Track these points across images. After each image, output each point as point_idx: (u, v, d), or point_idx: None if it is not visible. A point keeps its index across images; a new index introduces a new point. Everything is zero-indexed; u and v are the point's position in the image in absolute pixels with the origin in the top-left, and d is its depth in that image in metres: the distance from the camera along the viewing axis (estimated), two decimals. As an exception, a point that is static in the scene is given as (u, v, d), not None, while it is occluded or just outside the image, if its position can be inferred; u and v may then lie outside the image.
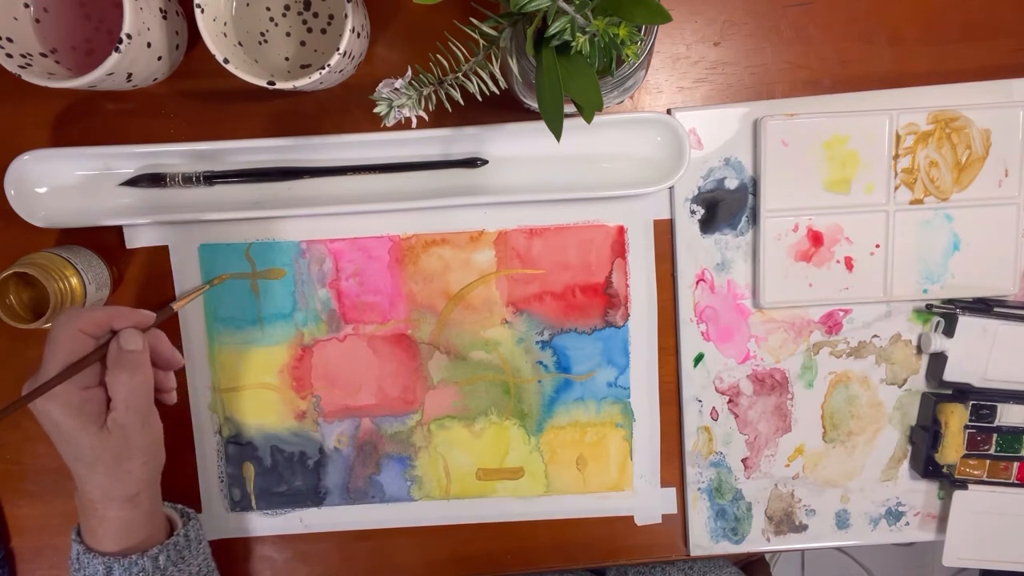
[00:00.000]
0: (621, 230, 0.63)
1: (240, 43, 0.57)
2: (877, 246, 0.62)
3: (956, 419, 0.62)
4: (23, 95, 0.60)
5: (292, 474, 0.65)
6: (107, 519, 0.52)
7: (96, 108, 0.61)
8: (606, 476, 0.66)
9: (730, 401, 0.65)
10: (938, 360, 0.63)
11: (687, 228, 0.62)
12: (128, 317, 0.51)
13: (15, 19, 0.54)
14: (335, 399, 0.65)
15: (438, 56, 0.48)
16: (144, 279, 0.63)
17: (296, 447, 0.65)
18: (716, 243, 0.63)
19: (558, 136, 0.44)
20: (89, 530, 0.53)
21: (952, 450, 0.63)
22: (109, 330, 0.51)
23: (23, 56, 0.53)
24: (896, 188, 0.61)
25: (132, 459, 0.51)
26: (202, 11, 0.51)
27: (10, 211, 0.59)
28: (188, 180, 0.60)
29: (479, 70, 0.48)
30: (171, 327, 0.63)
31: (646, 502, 0.66)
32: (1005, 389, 0.63)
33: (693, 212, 0.62)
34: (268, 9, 0.57)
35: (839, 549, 1.43)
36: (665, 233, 0.63)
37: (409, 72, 0.48)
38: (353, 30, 0.51)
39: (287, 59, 0.58)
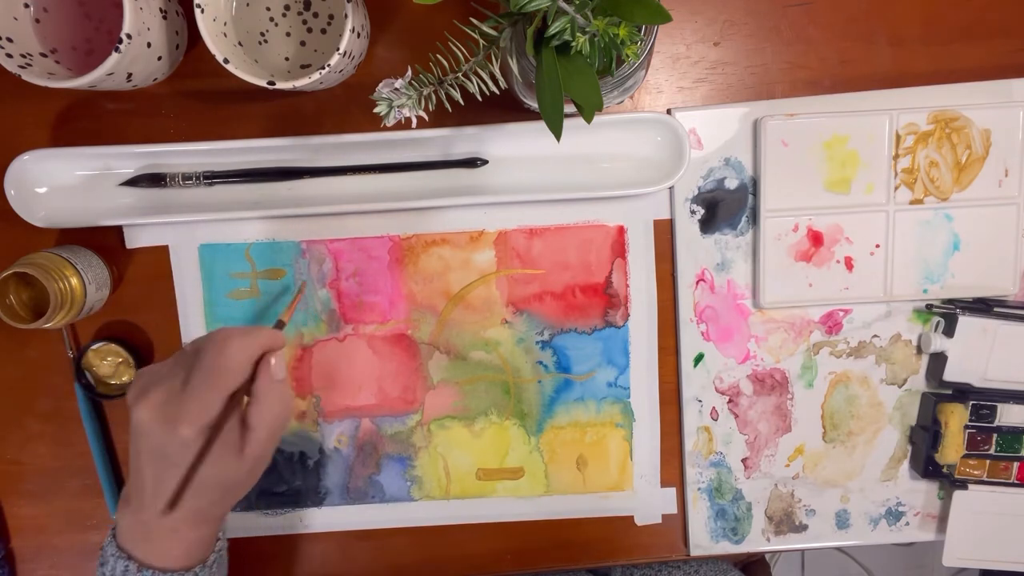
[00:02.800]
0: (621, 230, 0.63)
1: (240, 43, 0.57)
2: (877, 246, 0.62)
3: (956, 419, 0.62)
4: (23, 95, 0.60)
5: (292, 474, 0.65)
6: (187, 539, 0.49)
7: (96, 108, 0.61)
8: (606, 476, 0.66)
9: (730, 401, 0.65)
10: (938, 360, 0.63)
11: (687, 228, 0.62)
12: (276, 340, 0.48)
13: (15, 19, 0.54)
14: (335, 399, 0.65)
15: (438, 56, 0.48)
16: (144, 279, 0.63)
17: (296, 447, 0.65)
18: (716, 243, 0.63)
19: (558, 136, 0.44)
20: (153, 551, 0.48)
21: (952, 450, 0.63)
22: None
23: (23, 56, 0.53)
24: (896, 188, 0.61)
25: (248, 485, 0.49)
26: (202, 11, 0.51)
27: (10, 211, 0.59)
28: (188, 180, 0.60)
29: (479, 70, 0.48)
30: (171, 327, 0.63)
31: (646, 502, 0.66)
32: (1005, 389, 0.63)
33: (693, 212, 0.62)
34: (268, 9, 0.57)
35: (839, 549, 1.43)
36: (665, 233, 0.63)
37: (409, 72, 0.48)
38: (353, 30, 0.51)
39: (287, 59, 0.58)
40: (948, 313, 0.62)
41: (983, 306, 0.62)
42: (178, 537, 0.49)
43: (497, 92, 0.48)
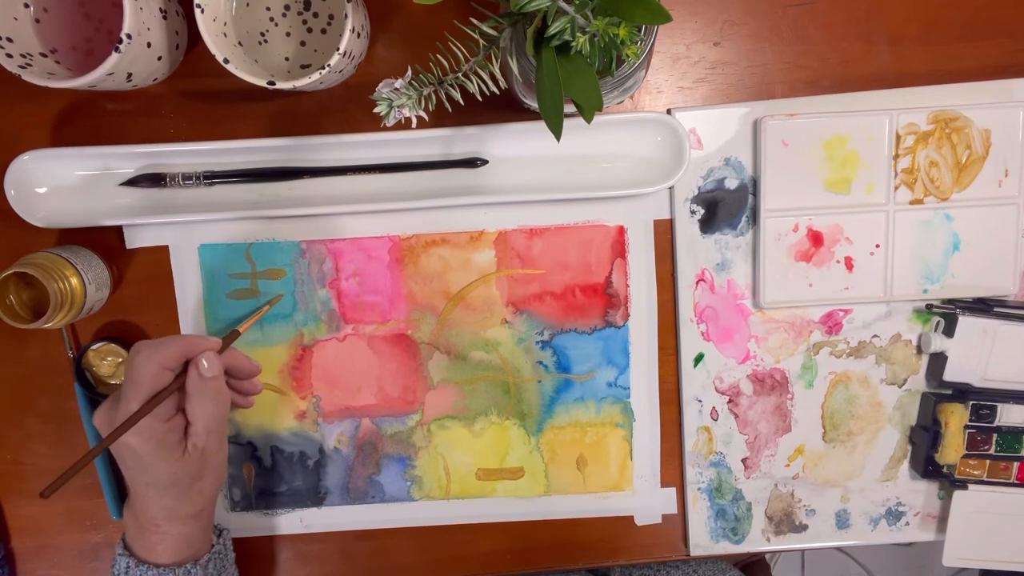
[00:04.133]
0: (621, 230, 0.63)
1: (240, 43, 0.57)
2: (877, 246, 0.62)
3: (956, 419, 0.62)
4: (23, 95, 0.60)
5: (292, 474, 0.65)
6: (169, 535, 0.53)
7: (96, 108, 0.61)
8: (606, 476, 0.66)
9: (730, 401, 0.65)
10: (938, 360, 0.63)
11: (687, 228, 0.62)
12: (200, 345, 0.52)
13: (15, 19, 0.54)
14: (335, 399, 0.65)
15: (438, 56, 0.48)
16: (144, 279, 0.63)
17: (296, 447, 0.65)
18: (716, 243, 0.63)
19: (558, 136, 0.44)
20: (146, 546, 0.53)
21: (952, 450, 0.63)
22: (184, 361, 0.51)
23: (23, 56, 0.53)
24: (896, 188, 0.61)
25: (205, 479, 0.53)
26: (202, 11, 0.51)
27: (10, 211, 0.59)
28: (188, 180, 0.60)
29: (479, 70, 0.48)
30: (171, 327, 0.63)
31: (646, 502, 0.66)
32: (1005, 389, 0.63)
33: (693, 212, 0.62)
34: (268, 9, 0.57)
35: (839, 549, 1.43)
36: (665, 233, 0.63)
37: (409, 72, 0.48)
38: (353, 30, 0.51)
39: (287, 59, 0.58)
40: (948, 313, 0.62)
41: (983, 306, 0.62)
42: (160, 533, 0.53)
43: (497, 92, 0.48)
